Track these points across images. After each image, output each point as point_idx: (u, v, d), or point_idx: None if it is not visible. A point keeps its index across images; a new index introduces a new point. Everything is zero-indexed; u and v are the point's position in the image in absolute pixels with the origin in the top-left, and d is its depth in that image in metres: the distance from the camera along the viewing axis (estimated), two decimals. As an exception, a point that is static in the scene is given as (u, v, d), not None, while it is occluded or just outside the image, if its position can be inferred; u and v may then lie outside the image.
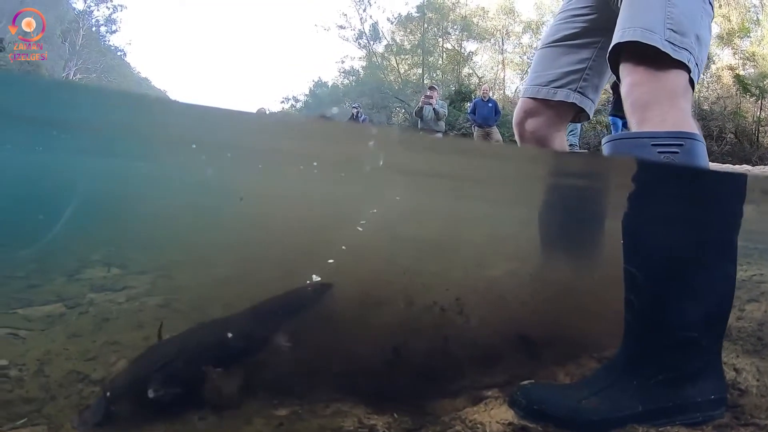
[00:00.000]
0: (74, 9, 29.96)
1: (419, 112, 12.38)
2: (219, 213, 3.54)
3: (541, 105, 2.43)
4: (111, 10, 31.20)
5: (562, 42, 2.36)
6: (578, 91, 2.38)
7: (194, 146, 3.03)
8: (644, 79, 1.82)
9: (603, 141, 2.03)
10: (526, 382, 1.98)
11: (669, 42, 1.79)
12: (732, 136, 23.80)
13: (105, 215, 3.98)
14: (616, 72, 1.95)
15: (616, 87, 9.69)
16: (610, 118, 11.29)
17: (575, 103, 2.40)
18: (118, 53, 33.03)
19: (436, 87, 13.07)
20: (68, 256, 3.54)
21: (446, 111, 12.80)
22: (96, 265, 3.46)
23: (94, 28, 30.81)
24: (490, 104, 13.27)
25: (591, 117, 2.56)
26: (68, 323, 2.62)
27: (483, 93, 13.94)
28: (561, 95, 2.37)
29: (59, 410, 1.90)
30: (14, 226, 3.54)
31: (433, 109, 12.47)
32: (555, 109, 2.43)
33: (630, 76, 1.85)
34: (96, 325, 2.58)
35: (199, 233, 3.62)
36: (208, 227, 3.53)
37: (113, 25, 31.53)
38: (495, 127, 13.39)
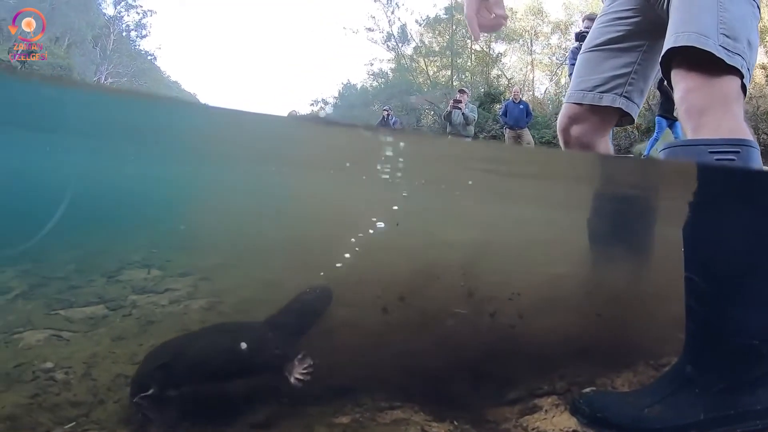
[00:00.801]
0: (105, 14, 30.75)
1: (448, 116, 12.15)
2: (260, 216, 3.50)
3: (586, 110, 2.38)
4: (141, 15, 31.96)
5: (607, 46, 2.31)
6: (624, 96, 2.32)
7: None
8: (698, 84, 1.79)
9: (660, 148, 2.00)
10: (587, 390, 2.01)
11: (723, 47, 1.76)
12: (765, 136, 23.21)
13: (145, 218, 3.98)
14: (667, 76, 1.91)
15: (662, 88, 9.49)
16: (656, 118, 11.08)
17: (621, 108, 2.34)
18: (149, 57, 33.79)
19: (466, 90, 12.85)
20: (108, 258, 3.52)
21: (476, 115, 12.62)
22: (136, 266, 3.43)
23: (124, 33, 31.59)
24: (521, 106, 13.13)
25: (635, 121, 2.50)
26: (112, 325, 2.59)
27: (514, 95, 13.79)
28: (607, 100, 2.31)
29: (109, 415, 1.85)
30: (59, 228, 3.54)
31: (462, 113, 12.21)
32: (600, 115, 2.37)
33: (684, 81, 1.82)
34: (140, 327, 2.54)
35: (239, 236, 3.60)
36: (249, 230, 3.49)
37: (143, 30, 32.27)
38: (526, 129, 13.25)
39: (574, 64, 7.44)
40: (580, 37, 7.44)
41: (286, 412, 1.88)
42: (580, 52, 2.43)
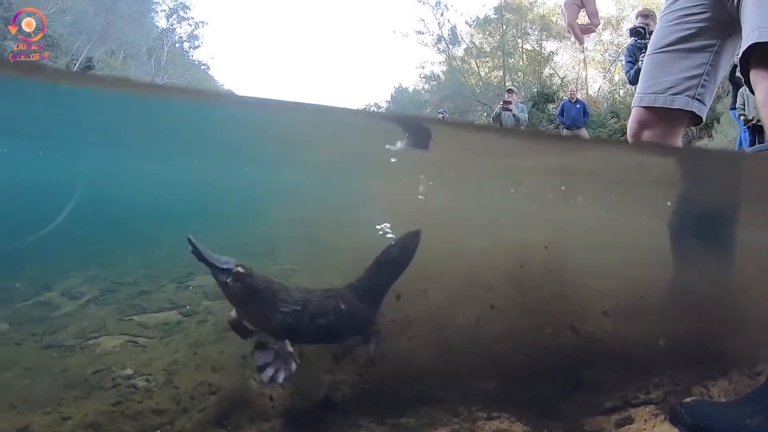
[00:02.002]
0: (158, 27, 32.04)
1: (497, 118, 11.77)
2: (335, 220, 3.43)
3: (657, 114, 2.25)
4: (193, 26, 33.13)
5: (676, 46, 2.19)
6: (696, 98, 2.20)
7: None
8: None
9: (749, 151, 1.89)
10: (688, 400, 1.98)
11: None
12: None
13: (208, 223, 3.97)
14: (746, 74, 1.81)
15: (733, 79, 9.08)
16: (731, 112, 10.61)
17: (694, 111, 2.20)
18: (202, 67, 34.93)
19: (514, 89, 12.44)
20: (175, 263, 3.50)
21: (527, 116, 12.22)
22: (205, 272, 3.39)
23: (177, 45, 32.81)
24: (578, 105, 12.83)
25: (703, 122, 2.37)
26: (188, 332, 2.55)
27: (570, 94, 13.47)
28: (680, 103, 2.18)
29: (193, 424, 1.80)
30: (124, 233, 3.56)
31: (513, 114, 11.78)
32: (671, 118, 2.25)
33: (766, 81, 1.72)
34: (217, 334, 2.48)
35: (309, 241, 3.54)
36: (320, 235, 3.42)
37: (195, 41, 33.43)
38: (584, 128, 12.92)
39: (630, 62, 7.14)
40: (635, 32, 7.18)
41: (383, 421, 1.79)
42: (647, 52, 2.31)
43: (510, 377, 2.10)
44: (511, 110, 10.91)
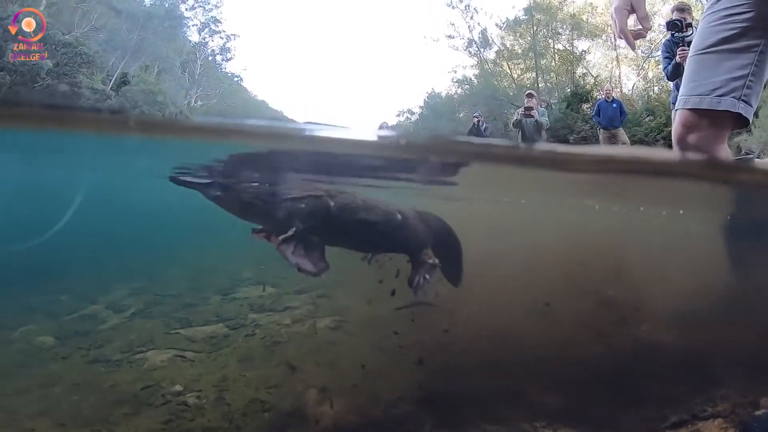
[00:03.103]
0: (190, 41, 32.55)
1: (518, 124, 11.41)
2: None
3: (702, 116, 2.15)
4: (224, 39, 33.65)
5: (720, 46, 2.12)
6: (742, 99, 2.10)
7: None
8: None
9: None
10: (760, 413, 1.90)
11: None
12: None
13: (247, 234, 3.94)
14: None
15: None
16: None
17: (740, 113, 2.09)
18: (235, 79, 35.35)
19: (533, 93, 12.05)
20: (218, 275, 3.47)
21: (548, 120, 11.84)
22: (249, 283, 3.36)
23: (210, 58, 33.37)
24: (614, 105, 12.49)
25: (749, 124, 2.25)
26: (236, 346, 2.49)
27: (606, 93, 13.12)
28: (726, 104, 2.08)
29: (251, 444, 1.73)
30: (168, 246, 3.55)
31: (535, 120, 11.29)
32: (717, 120, 2.13)
33: None
34: (267, 348, 2.43)
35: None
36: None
37: (228, 54, 33.90)
38: (621, 128, 12.61)
39: (668, 57, 6.89)
40: (672, 25, 6.95)
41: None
42: (690, 54, 2.23)
43: (572, 391, 2.04)
44: (532, 116, 10.49)
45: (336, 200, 2.33)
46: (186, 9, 32.30)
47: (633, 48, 2.21)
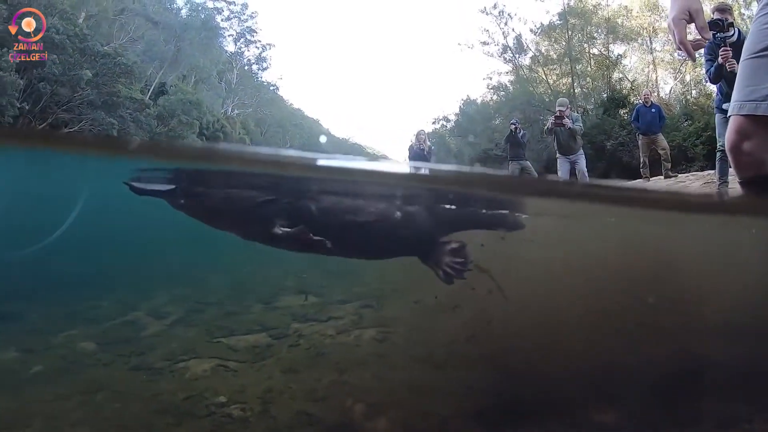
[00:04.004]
0: (226, 51, 33.40)
1: (550, 132, 11.12)
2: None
3: (759, 123, 2.02)
4: (260, 49, 34.41)
5: None
6: None
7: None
8: None
9: None
10: None
11: None
12: None
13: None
14: None
15: None
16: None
17: None
18: (271, 88, 36.24)
19: (565, 101, 11.71)
20: (259, 283, 3.43)
21: (582, 126, 11.49)
22: (290, 292, 3.31)
23: (246, 67, 34.23)
24: (653, 110, 12.22)
25: None
26: (280, 356, 2.44)
27: (644, 98, 12.85)
28: None
29: (295, 459, 1.66)
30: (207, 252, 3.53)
31: (568, 128, 10.87)
32: None
33: None
34: (311, 359, 2.37)
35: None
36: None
37: (263, 63, 34.75)
38: (660, 133, 12.33)
39: (710, 59, 6.69)
40: (714, 25, 6.74)
41: None
42: (742, 58, 2.12)
43: (626, 409, 2.00)
44: (564, 125, 10.16)
45: (319, 202, 2.25)
46: (222, 20, 33.08)
47: (693, 59, 2.12)
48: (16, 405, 2.37)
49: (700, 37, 2.14)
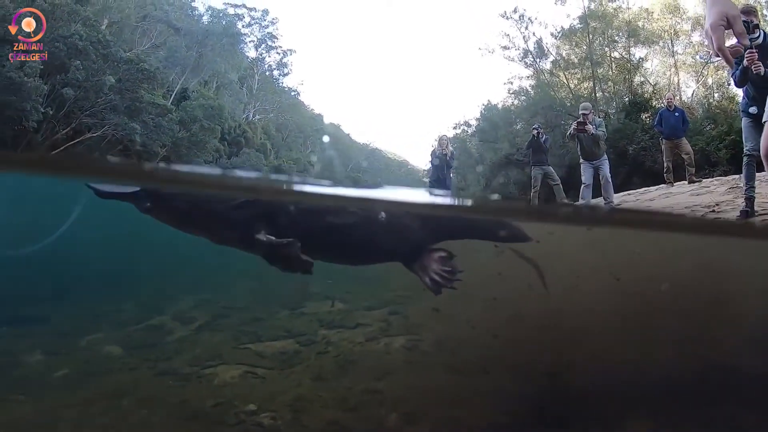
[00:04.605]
0: (247, 57, 33.63)
1: (573, 137, 10.87)
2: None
3: None
4: (281, 55, 34.64)
5: None
6: None
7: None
8: None
9: None
10: None
11: None
12: None
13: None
14: None
15: None
16: None
17: None
18: (292, 93, 36.39)
19: (589, 106, 11.50)
20: (285, 288, 3.39)
21: (605, 131, 11.23)
22: (316, 298, 3.26)
23: (267, 73, 34.45)
24: (677, 114, 11.95)
25: None
26: (308, 363, 2.40)
27: (668, 102, 12.60)
28: None
29: (329, 472, 1.62)
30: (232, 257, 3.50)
31: (591, 134, 10.58)
32: None
33: None
34: (341, 367, 2.32)
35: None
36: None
37: (284, 69, 34.99)
38: (684, 138, 12.07)
39: (736, 61, 6.56)
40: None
41: None
42: None
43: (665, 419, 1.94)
44: (587, 131, 9.93)
45: (298, 204, 2.18)
46: (243, 26, 33.35)
47: (731, 66, 2.03)
48: (41, 408, 2.35)
49: (736, 42, 2.07)
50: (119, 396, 2.38)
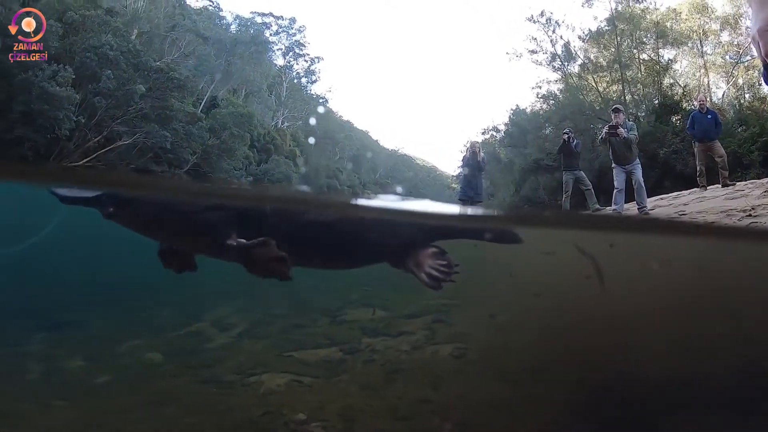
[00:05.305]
0: (275, 65, 34.19)
1: (605, 142, 10.68)
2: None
3: None
4: (309, 62, 35.18)
5: None
6: None
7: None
8: None
9: None
10: None
11: None
12: None
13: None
14: None
15: None
16: None
17: None
18: (320, 100, 36.88)
19: (620, 108, 11.26)
20: (323, 295, 3.36)
21: (637, 134, 11.01)
22: (356, 305, 3.23)
23: (295, 80, 35.02)
24: (709, 116, 11.75)
25: None
26: (354, 372, 2.36)
27: (700, 104, 12.39)
28: None
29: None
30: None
31: (624, 137, 10.34)
32: None
33: None
34: (387, 376, 2.28)
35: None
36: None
37: (312, 76, 35.57)
38: (716, 140, 11.83)
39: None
40: None
41: None
42: None
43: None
44: (619, 135, 9.75)
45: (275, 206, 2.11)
46: (270, 34, 34.00)
47: None
48: (82, 415, 2.35)
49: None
50: (162, 403, 2.37)
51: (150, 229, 2.07)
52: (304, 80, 35.32)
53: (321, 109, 35.85)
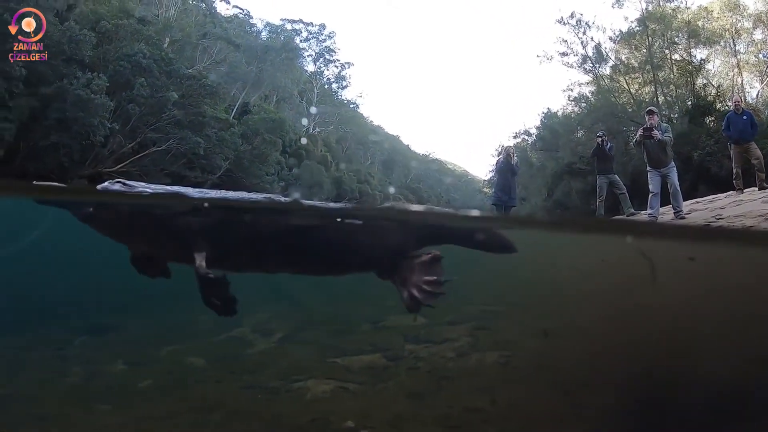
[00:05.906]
0: (306, 71, 34.48)
1: (639, 144, 10.44)
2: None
3: None
4: (339, 68, 35.48)
5: None
6: None
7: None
8: None
9: None
10: None
11: None
12: None
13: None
14: None
15: None
16: None
17: None
18: (351, 105, 37.23)
19: (655, 110, 10.99)
20: (362, 301, 3.34)
21: (671, 136, 10.71)
22: (396, 311, 3.20)
23: (326, 86, 35.31)
24: (744, 117, 11.37)
25: None
26: (399, 379, 2.34)
27: (735, 105, 12.00)
28: None
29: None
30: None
31: (658, 140, 10.06)
32: None
33: None
34: (434, 383, 2.25)
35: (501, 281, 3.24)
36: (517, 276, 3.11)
37: (343, 81, 35.92)
38: (753, 142, 11.47)
39: None
40: None
41: None
42: None
43: None
44: (653, 137, 9.50)
45: (252, 213, 2.06)
46: (300, 41, 34.31)
47: None
48: (126, 420, 2.35)
49: None
50: (206, 409, 2.37)
51: (123, 233, 2.05)
52: (334, 86, 35.70)
53: (352, 114, 36.01)
